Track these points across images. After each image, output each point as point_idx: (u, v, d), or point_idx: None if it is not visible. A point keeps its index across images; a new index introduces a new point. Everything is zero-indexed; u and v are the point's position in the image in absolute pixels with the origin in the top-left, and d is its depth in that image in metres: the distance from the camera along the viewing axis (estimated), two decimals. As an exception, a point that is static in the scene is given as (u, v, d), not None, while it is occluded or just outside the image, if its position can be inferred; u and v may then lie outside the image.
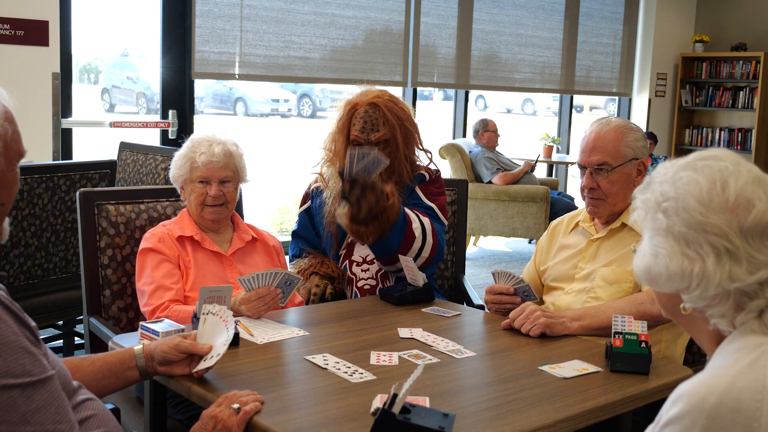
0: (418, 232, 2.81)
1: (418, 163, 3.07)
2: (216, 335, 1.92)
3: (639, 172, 2.64)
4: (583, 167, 2.63)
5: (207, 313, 1.97)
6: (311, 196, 3.14)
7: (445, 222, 3.02)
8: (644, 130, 9.14)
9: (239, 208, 3.09)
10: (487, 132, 7.53)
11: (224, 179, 2.67)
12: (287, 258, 2.98)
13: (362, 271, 2.94)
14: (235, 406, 1.67)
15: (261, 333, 2.26)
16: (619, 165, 2.58)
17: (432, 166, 3.10)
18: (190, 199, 2.69)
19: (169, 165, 2.77)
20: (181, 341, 1.91)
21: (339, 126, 2.95)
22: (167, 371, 1.91)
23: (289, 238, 3.18)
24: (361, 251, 2.95)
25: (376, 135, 2.88)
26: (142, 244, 2.64)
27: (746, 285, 1.32)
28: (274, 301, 2.45)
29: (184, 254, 2.64)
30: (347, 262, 2.97)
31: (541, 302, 2.73)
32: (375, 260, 2.91)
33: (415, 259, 2.78)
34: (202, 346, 1.90)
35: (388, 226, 2.70)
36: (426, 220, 2.87)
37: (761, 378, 1.27)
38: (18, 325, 1.43)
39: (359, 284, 2.92)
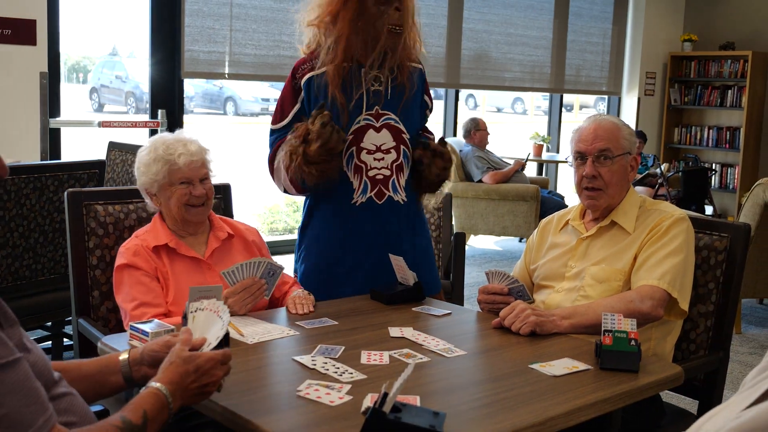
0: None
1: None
2: (209, 327, 1.85)
3: (632, 167, 2.65)
4: (583, 157, 2.62)
5: (195, 311, 1.89)
6: (303, 87, 2.83)
7: None
8: (633, 128, 9.18)
9: (228, 208, 3.09)
10: (479, 131, 7.54)
11: (203, 177, 2.64)
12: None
13: (375, 159, 2.77)
14: None
15: (251, 333, 2.25)
16: (620, 155, 2.60)
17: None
18: (170, 203, 2.61)
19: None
20: (171, 338, 1.86)
21: None
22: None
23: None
24: (374, 138, 2.78)
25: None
26: (118, 260, 2.57)
27: None
28: (260, 292, 2.45)
29: (161, 265, 2.57)
30: (354, 148, 2.78)
31: (532, 301, 2.74)
32: (392, 149, 2.79)
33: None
34: (195, 340, 1.79)
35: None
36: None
37: None
38: None
39: (370, 173, 2.78)
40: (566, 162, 2.80)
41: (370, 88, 2.79)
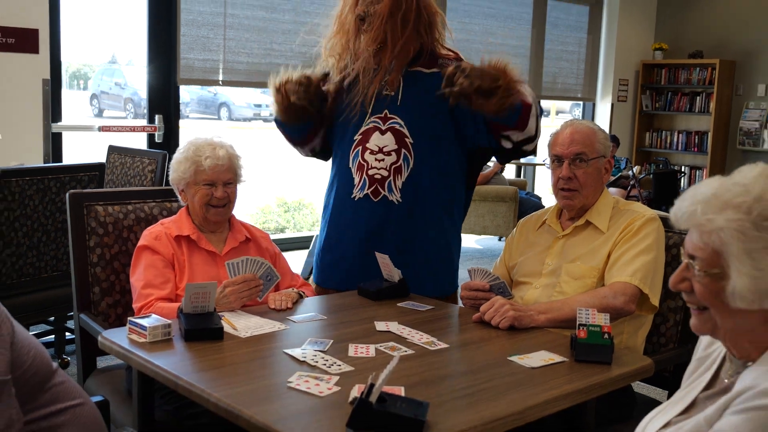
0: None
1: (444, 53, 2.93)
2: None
3: (605, 170, 2.67)
4: (559, 160, 2.64)
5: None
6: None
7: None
8: (607, 133, 9.20)
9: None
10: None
11: (228, 181, 2.68)
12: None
13: (376, 160, 2.80)
14: None
15: (244, 327, 2.25)
16: (594, 158, 2.61)
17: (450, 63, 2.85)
18: (194, 201, 2.67)
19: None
20: None
21: (347, 1, 2.84)
22: None
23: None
24: (378, 140, 2.81)
25: (375, 7, 2.74)
26: (140, 242, 2.62)
27: None
28: (256, 290, 2.46)
29: (179, 253, 2.61)
30: (360, 147, 2.82)
31: (512, 296, 2.74)
32: (392, 152, 2.79)
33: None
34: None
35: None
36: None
37: None
38: None
39: (370, 172, 2.80)
40: (543, 165, 2.80)
41: (381, 92, 2.81)
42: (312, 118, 2.90)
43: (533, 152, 2.89)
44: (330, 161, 3.06)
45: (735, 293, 1.37)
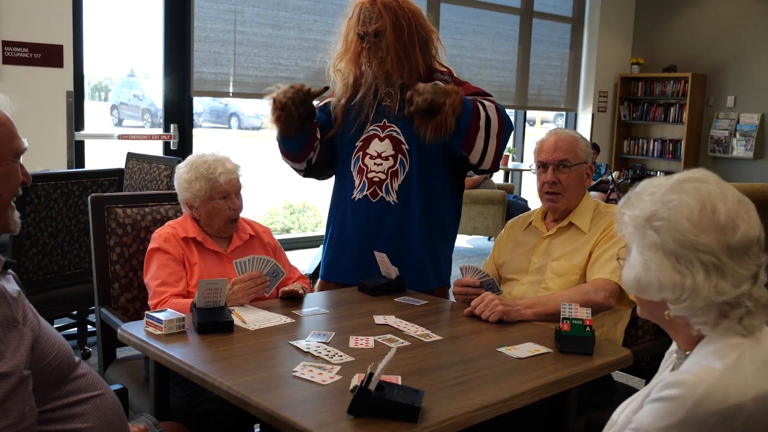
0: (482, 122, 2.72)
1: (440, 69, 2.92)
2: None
3: (587, 175, 2.67)
4: (545, 166, 2.64)
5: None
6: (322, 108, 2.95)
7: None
8: (589, 140, 9.20)
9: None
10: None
11: (238, 190, 2.70)
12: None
13: (375, 164, 2.82)
14: None
15: (253, 320, 2.25)
16: (577, 164, 2.61)
17: (443, 76, 2.88)
18: (210, 215, 2.64)
19: (170, 173, 2.75)
20: None
21: (350, 24, 2.84)
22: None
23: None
24: (377, 146, 2.83)
25: (373, 27, 2.75)
26: (151, 244, 2.61)
27: (731, 297, 1.32)
28: (263, 286, 2.46)
29: (189, 253, 2.60)
30: (361, 153, 2.85)
31: (501, 292, 2.74)
32: (390, 157, 2.81)
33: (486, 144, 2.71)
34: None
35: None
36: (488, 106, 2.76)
37: (745, 376, 1.27)
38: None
39: (369, 175, 2.82)
40: (530, 170, 2.80)
41: (382, 103, 2.83)
42: (306, 129, 2.83)
43: (494, 170, 2.88)
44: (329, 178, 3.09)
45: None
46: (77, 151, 5.60)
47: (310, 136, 2.86)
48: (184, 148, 6.20)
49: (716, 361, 1.30)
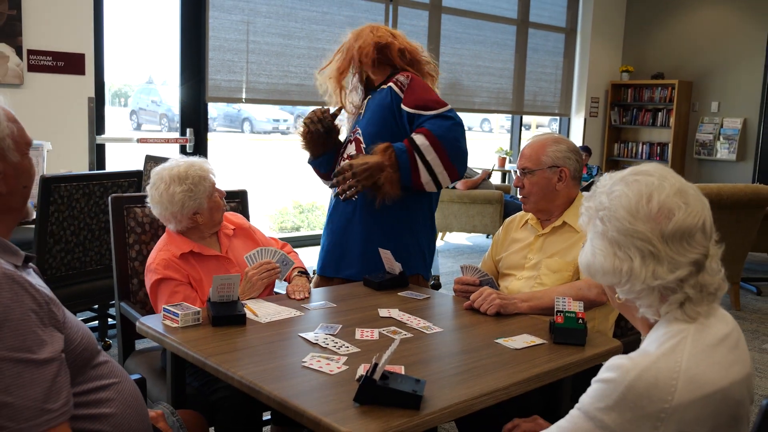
0: (424, 175, 2.77)
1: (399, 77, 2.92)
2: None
3: (560, 178, 2.62)
4: (517, 171, 2.67)
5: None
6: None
7: (447, 111, 2.81)
8: (581, 144, 9.19)
9: (245, 210, 3.08)
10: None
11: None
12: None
13: None
14: None
15: (264, 314, 2.25)
16: (537, 170, 2.60)
17: (401, 78, 2.88)
18: (216, 209, 2.56)
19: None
20: None
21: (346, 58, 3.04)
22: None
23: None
24: (349, 149, 2.97)
25: (356, 44, 2.97)
26: (152, 276, 2.43)
27: (667, 282, 1.33)
28: (275, 272, 2.47)
29: (192, 271, 2.49)
30: (341, 157, 3.02)
31: (499, 290, 2.73)
32: (353, 157, 2.87)
33: (437, 180, 2.78)
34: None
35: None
36: (426, 148, 2.74)
37: (679, 360, 1.28)
38: (32, 302, 1.34)
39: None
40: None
41: (360, 113, 3.00)
42: (330, 148, 3.06)
43: (456, 179, 2.89)
44: None
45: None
46: (98, 153, 5.60)
47: (335, 156, 3.03)
48: (199, 151, 6.21)
49: (654, 346, 1.32)
